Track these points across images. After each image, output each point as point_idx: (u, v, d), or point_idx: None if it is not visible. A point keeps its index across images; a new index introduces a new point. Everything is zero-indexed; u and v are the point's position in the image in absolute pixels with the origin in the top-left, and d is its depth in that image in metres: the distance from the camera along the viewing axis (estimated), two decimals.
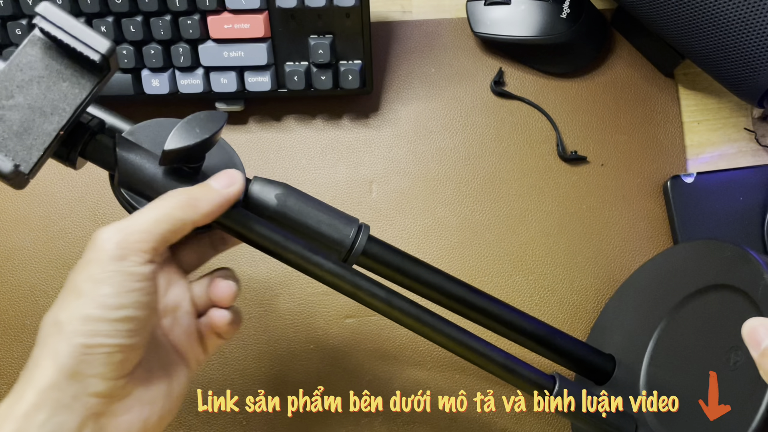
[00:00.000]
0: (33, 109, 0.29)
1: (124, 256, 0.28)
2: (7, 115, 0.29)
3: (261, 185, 0.35)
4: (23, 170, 0.28)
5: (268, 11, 0.46)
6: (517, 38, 0.49)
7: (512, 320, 0.39)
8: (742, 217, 0.48)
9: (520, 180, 0.50)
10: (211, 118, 0.31)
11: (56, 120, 0.29)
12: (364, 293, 0.35)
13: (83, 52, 0.28)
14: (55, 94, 0.29)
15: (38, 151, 0.29)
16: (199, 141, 0.30)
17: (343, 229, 0.35)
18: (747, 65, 0.42)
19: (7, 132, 0.29)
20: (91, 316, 0.28)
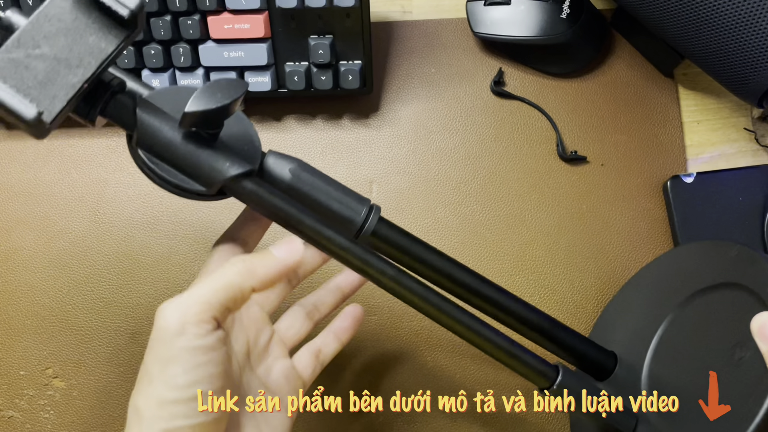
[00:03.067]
0: (58, 60, 0.28)
1: (187, 330, 0.27)
2: (33, 64, 0.28)
3: (275, 158, 0.35)
4: (45, 119, 0.28)
5: (268, 11, 0.46)
6: (517, 38, 0.49)
7: (517, 310, 0.39)
8: (741, 217, 0.48)
9: (520, 180, 0.50)
10: (233, 85, 0.31)
11: (81, 72, 0.28)
12: (373, 269, 0.34)
13: (111, 6, 0.28)
14: (81, 46, 0.29)
15: (61, 101, 0.28)
16: (220, 105, 0.30)
17: (354, 207, 0.35)
18: (747, 65, 0.42)
19: (32, 80, 0.28)
20: (165, 399, 0.27)
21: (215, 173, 0.32)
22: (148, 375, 0.28)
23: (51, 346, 0.48)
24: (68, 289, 0.49)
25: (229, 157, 0.32)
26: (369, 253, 0.34)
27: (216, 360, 0.28)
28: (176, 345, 0.27)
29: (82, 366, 0.48)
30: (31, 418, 0.47)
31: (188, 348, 0.27)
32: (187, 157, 0.32)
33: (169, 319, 0.27)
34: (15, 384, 0.48)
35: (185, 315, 0.27)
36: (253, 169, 0.33)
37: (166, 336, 0.27)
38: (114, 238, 0.49)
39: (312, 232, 0.33)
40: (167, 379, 0.27)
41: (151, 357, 0.28)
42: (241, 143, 0.34)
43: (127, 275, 0.49)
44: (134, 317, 0.48)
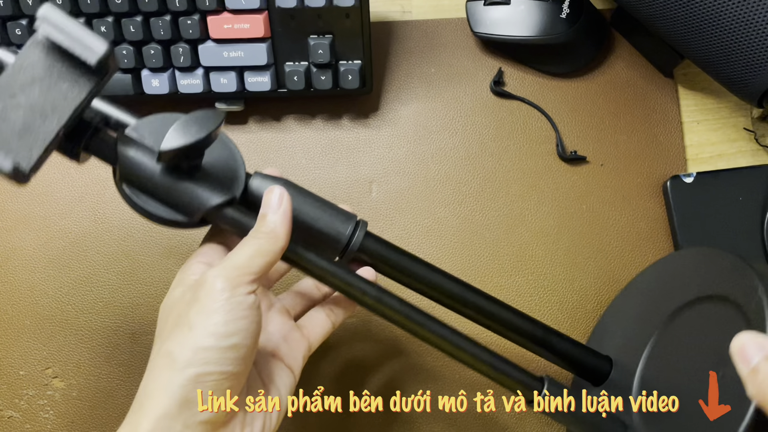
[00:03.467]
0: (34, 109, 0.30)
1: (232, 288, 0.30)
2: (10, 115, 0.29)
3: (260, 181, 0.35)
4: (23, 168, 0.29)
5: (268, 11, 0.46)
6: (516, 38, 0.49)
7: (509, 319, 0.39)
8: (741, 217, 0.48)
9: (520, 180, 0.50)
10: (208, 117, 0.31)
11: (56, 120, 0.30)
12: (355, 290, 0.36)
13: (80, 56, 0.29)
14: (55, 94, 0.30)
15: (39, 149, 0.29)
16: (194, 141, 0.31)
17: (339, 226, 0.36)
18: (747, 65, 0.42)
19: (9, 131, 0.29)
20: (202, 345, 0.30)
21: (195, 204, 0.33)
22: (188, 324, 0.30)
23: (51, 346, 0.48)
24: (68, 289, 0.49)
25: (209, 187, 0.33)
26: (350, 275, 0.36)
27: (252, 317, 0.31)
28: (221, 298, 0.30)
29: (82, 366, 0.48)
30: (31, 418, 0.47)
31: (233, 302, 0.30)
32: (167, 190, 0.33)
33: (216, 280, 0.31)
34: (15, 384, 0.48)
35: (229, 278, 0.31)
36: (233, 197, 0.34)
37: (213, 292, 0.30)
38: (114, 238, 0.49)
39: (294, 256, 0.35)
40: (208, 327, 0.30)
41: (196, 309, 0.30)
42: (223, 170, 0.35)
43: (127, 275, 0.49)
44: (134, 317, 0.48)
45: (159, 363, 0.30)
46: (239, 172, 0.35)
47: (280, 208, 0.33)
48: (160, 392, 0.29)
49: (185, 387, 0.29)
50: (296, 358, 0.36)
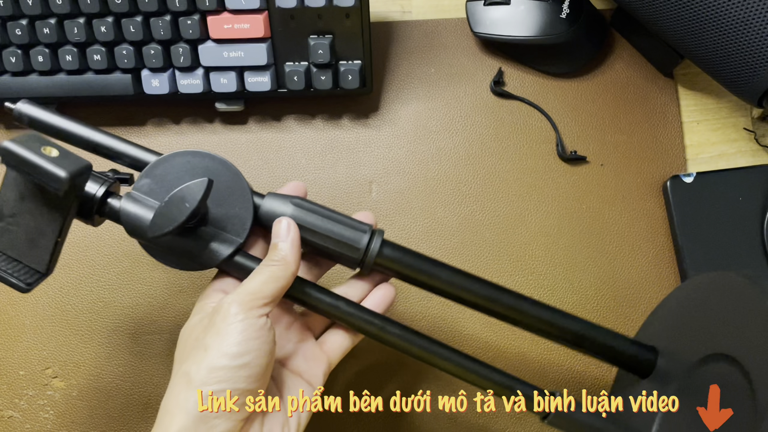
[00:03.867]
0: (31, 223, 0.33)
1: (243, 312, 0.33)
2: (14, 230, 0.33)
3: (272, 203, 0.37)
4: (41, 270, 0.33)
5: (268, 11, 0.46)
6: (516, 38, 0.49)
7: (542, 316, 0.38)
8: (741, 217, 0.48)
9: (520, 180, 0.50)
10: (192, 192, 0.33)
11: (50, 231, 0.33)
12: (360, 320, 0.37)
13: (47, 187, 0.30)
14: (44, 208, 0.33)
15: (47, 255, 0.33)
16: (181, 222, 0.33)
17: (355, 237, 0.37)
18: (747, 65, 0.42)
19: (20, 243, 0.33)
20: (216, 365, 0.32)
21: (204, 261, 0.35)
22: (204, 346, 0.32)
23: (51, 346, 0.48)
24: (68, 289, 0.49)
25: (213, 240, 0.35)
26: (363, 312, 0.37)
27: (264, 338, 0.33)
28: (234, 321, 0.32)
29: (82, 366, 0.48)
30: (31, 418, 0.47)
31: (244, 324, 0.32)
32: (173, 251, 0.35)
33: (231, 306, 0.33)
34: (15, 384, 0.48)
35: (243, 302, 0.33)
36: (238, 246, 0.36)
37: (228, 317, 0.32)
38: (114, 238, 0.49)
39: (302, 295, 0.36)
40: (221, 348, 0.32)
41: (212, 332, 0.32)
42: (230, 211, 0.36)
43: (126, 275, 0.49)
44: (134, 317, 0.48)
45: (177, 382, 0.32)
46: (246, 207, 0.36)
47: (289, 236, 0.35)
48: (178, 409, 0.31)
49: (200, 404, 0.31)
50: (316, 375, 0.38)
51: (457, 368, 0.37)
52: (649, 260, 0.49)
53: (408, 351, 0.37)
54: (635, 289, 0.49)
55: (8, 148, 0.30)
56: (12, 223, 0.33)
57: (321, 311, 0.37)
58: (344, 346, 0.39)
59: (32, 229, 0.33)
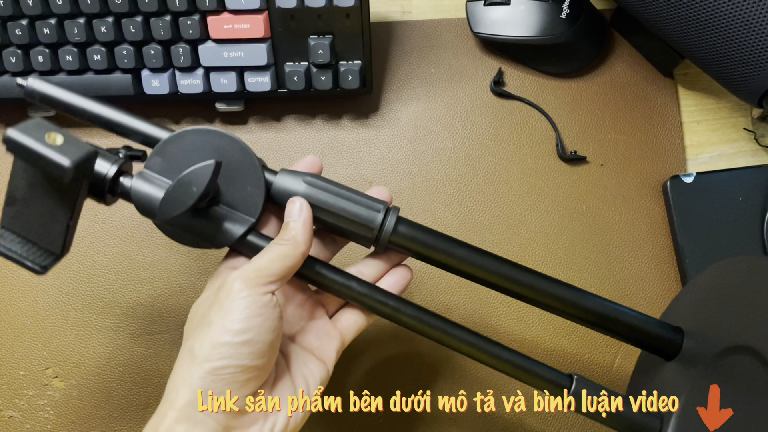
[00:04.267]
0: (42, 208, 0.33)
1: (247, 288, 0.32)
2: (28, 213, 0.33)
3: (285, 179, 0.36)
4: (56, 251, 0.33)
5: (268, 11, 0.46)
6: (516, 38, 0.49)
7: (564, 296, 0.37)
8: (741, 217, 0.48)
9: (520, 180, 0.50)
10: (199, 175, 0.33)
11: (62, 215, 0.33)
12: (372, 300, 0.36)
13: (52, 175, 0.30)
14: (54, 192, 0.32)
15: (60, 236, 0.33)
16: (186, 208, 0.33)
17: (370, 214, 0.36)
18: (746, 65, 0.42)
19: (33, 225, 0.33)
20: (219, 341, 0.32)
21: (217, 241, 0.35)
22: (208, 323, 0.32)
23: (51, 346, 0.48)
24: (68, 289, 0.49)
25: (226, 220, 0.35)
26: (376, 292, 0.36)
27: (268, 315, 0.33)
28: (237, 298, 0.32)
29: (82, 366, 0.48)
30: (31, 418, 0.47)
31: (247, 301, 0.32)
32: (186, 228, 0.35)
33: (235, 282, 0.33)
34: (15, 384, 0.48)
35: (248, 279, 0.33)
36: (251, 225, 0.35)
37: (231, 293, 0.32)
38: (114, 238, 0.49)
39: (314, 274, 0.36)
40: (225, 324, 0.32)
41: (215, 308, 0.32)
42: (242, 190, 0.36)
43: (127, 275, 0.49)
44: (134, 317, 0.48)
45: (183, 358, 0.33)
46: (258, 185, 0.36)
47: (301, 216, 0.35)
48: (183, 384, 0.32)
49: (204, 379, 0.31)
50: (329, 351, 0.37)
51: (472, 349, 0.36)
52: (649, 260, 0.49)
53: (422, 331, 0.37)
54: (635, 289, 0.49)
55: (11, 137, 0.30)
56: (25, 208, 0.33)
57: (333, 291, 0.37)
58: (358, 324, 0.39)
59: (44, 213, 0.33)
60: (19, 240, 0.33)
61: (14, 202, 0.33)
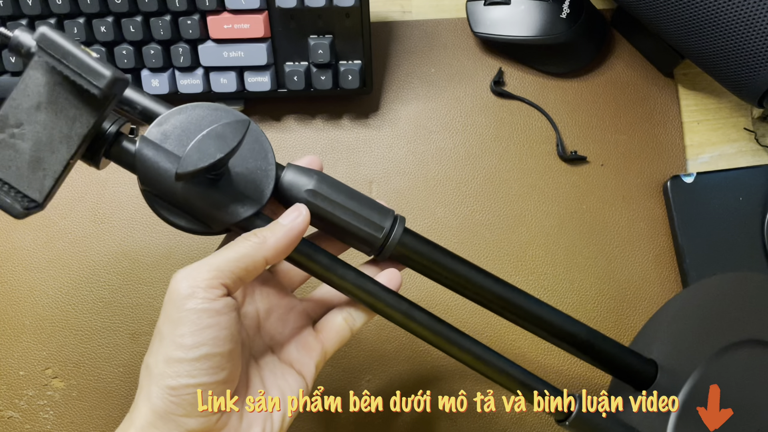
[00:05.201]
0: (42, 138, 0.28)
1: (195, 294, 0.28)
2: (19, 145, 0.28)
3: (293, 174, 0.34)
4: (37, 199, 0.29)
5: (268, 11, 0.46)
6: (517, 38, 0.49)
7: (551, 321, 0.37)
8: (742, 217, 0.48)
9: (520, 180, 0.50)
10: (230, 131, 0.30)
11: (65, 149, 0.29)
12: (383, 304, 0.34)
13: (83, 86, 0.27)
14: (62, 121, 0.28)
15: (51, 179, 0.29)
16: (214, 161, 0.29)
17: (377, 222, 0.34)
18: (747, 65, 0.42)
19: (20, 162, 0.28)
20: (172, 357, 0.28)
21: (221, 218, 0.32)
22: (159, 335, 0.29)
23: (51, 346, 0.48)
24: (68, 289, 0.49)
25: (234, 199, 0.32)
26: (379, 289, 0.34)
27: (222, 324, 0.29)
28: (185, 307, 0.28)
29: (82, 366, 0.48)
30: (31, 418, 0.47)
31: (196, 310, 0.28)
32: (189, 202, 0.32)
33: (181, 283, 0.29)
34: (15, 384, 0.48)
35: (195, 280, 0.29)
36: (259, 209, 0.32)
37: (177, 299, 0.28)
38: (114, 238, 0.49)
39: (322, 270, 0.34)
40: (175, 339, 0.28)
41: (163, 318, 0.29)
42: (250, 176, 0.33)
43: (127, 275, 0.49)
44: (134, 317, 0.48)
45: (142, 374, 0.30)
46: (269, 173, 0.33)
47: (291, 223, 0.31)
48: (143, 404, 0.29)
49: (164, 399, 0.28)
50: (308, 365, 0.35)
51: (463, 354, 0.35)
52: (649, 260, 0.49)
53: (417, 332, 0.35)
54: (635, 289, 0.49)
55: (48, 36, 0.26)
56: (16, 136, 0.28)
57: (322, 277, 0.34)
58: (341, 335, 0.36)
59: (42, 144, 0.28)
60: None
61: (3, 128, 0.28)
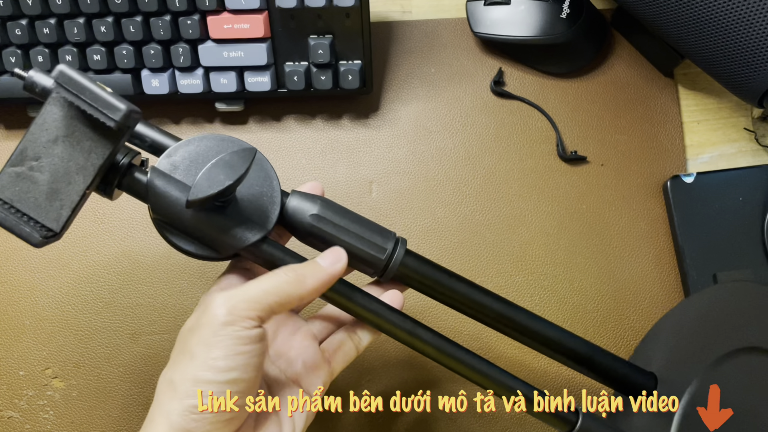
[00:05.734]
0: (59, 169, 0.30)
1: (234, 322, 0.30)
2: (37, 177, 0.30)
3: (298, 201, 0.35)
4: (54, 229, 0.30)
5: (268, 11, 0.46)
6: (517, 38, 0.49)
7: (551, 337, 0.38)
8: (742, 217, 0.48)
9: (520, 180, 0.50)
10: (238, 159, 0.31)
11: (81, 180, 0.30)
12: (389, 324, 0.35)
13: (99, 119, 0.29)
14: (78, 153, 0.30)
15: (67, 210, 0.30)
16: (224, 188, 0.31)
17: (379, 244, 0.36)
18: (747, 65, 0.42)
19: (38, 193, 0.30)
20: (201, 378, 0.29)
21: (228, 244, 0.33)
22: (190, 354, 0.30)
23: (51, 346, 0.48)
24: (68, 289, 0.49)
25: (241, 224, 0.33)
26: (384, 309, 0.35)
27: (254, 352, 0.30)
28: (222, 332, 0.30)
29: (82, 366, 0.48)
30: (31, 418, 0.47)
31: (233, 336, 0.30)
32: (199, 230, 0.33)
33: (220, 309, 0.30)
34: (15, 384, 0.48)
35: (235, 308, 0.30)
36: (267, 232, 0.34)
37: (215, 323, 0.30)
38: (114, 238, 0.49)
39: (330, 293, 0.35)
40: (208, 360, 0.29)
41: (197, 339, 0.30)
42: (256, 202, 0.34)
43: (127, 275, 0.49)
44: (134, 317, 0.48)
45: (163, 389, 0.31)
46: (274, 199, 0.35)
47: (332, 266, 0.33)
48: (161, 420, 0.30)
49: (185, 417, 0.29)
50: (315, 383, 0.36)
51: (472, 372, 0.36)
52: (649, 260, 0.49)
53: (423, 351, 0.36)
54: (635, 289, 0.49)
55: (67, 73, 0.28)
56: (34, 169, 0.30)
57: (330, 299, 0.35)
58: (348, 355, 0.37)
59: (59, 175, 0.30)
60: (11, 211, 0.30)
61: (22, 161, 0.30)
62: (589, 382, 0.48)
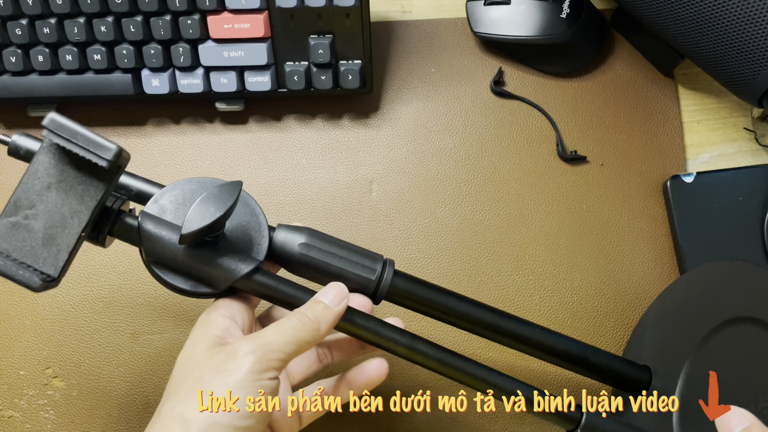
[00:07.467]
0: (54, 215, 0.31)
1: (261, 371, 0.31)
2: (32, 225, 0.31)
3: (285, 233, 0.36)
4: (53, 274, 0.31)
5: (268, 11, 0.46)
6: (517, 38, 0.49)
7: (543, 341, 0.39)
8: (741, 216, 0.48)
9: (520, 180, 0.50)
10: (225, 192, 0.32)
11: (76, 223, 0.31)
12: (387, 341, 0.36)
13: (91, 160, 0.29)
14: (72, 197, 0.31)
15: (65, 254, 0.31)
16: (213, 221, 0.31)
17: (367, 269, 0.36)
18: (747, 65, 0.42)
19: (34, 241, 0.31)
20: (219, 421, 0.30)
21: (224, 276, 0.34)
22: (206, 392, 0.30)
23: (51, 346, 0.48)
24: (68, 289, 0.49)
25: (234, 257, 0.34)
26: (381, 326, 0.36)
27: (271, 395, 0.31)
28: (248, 380, 0.30)
29: (82, 366, 0.48)
30: (31, 418, 0.47)
31: (256, 386, 0.30)
32: (193, 267, 0.34)
33: (249, 357, 0.31)
34: (15, 384, 0.48)
35: (265, 358, 0.31)
36: (258, 264, 0.34)
37: (242, 371, 0.30)
38: None
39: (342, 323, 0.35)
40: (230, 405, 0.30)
41: (219, 381, 0.30)
42: (245, 236, 0.35)
43: (127, 275, 0.49)
44: (134, 317, 0.48)
45: (171, 424, 0.30)
46: (262, 232, 0.36)
47: (337, 306, 0.34)
48: None
49: None
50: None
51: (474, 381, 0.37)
52: (649, 260, 0.49)
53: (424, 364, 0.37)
54: (635, 289, 0.49)
55: (57, 119, 0.29)
56: (29, 217, 0.31)
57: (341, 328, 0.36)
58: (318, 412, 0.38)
59: (54, 221, 0.31)
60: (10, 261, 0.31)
61: (17, 210, 0.31)
62: (588, 382, 0.48)
